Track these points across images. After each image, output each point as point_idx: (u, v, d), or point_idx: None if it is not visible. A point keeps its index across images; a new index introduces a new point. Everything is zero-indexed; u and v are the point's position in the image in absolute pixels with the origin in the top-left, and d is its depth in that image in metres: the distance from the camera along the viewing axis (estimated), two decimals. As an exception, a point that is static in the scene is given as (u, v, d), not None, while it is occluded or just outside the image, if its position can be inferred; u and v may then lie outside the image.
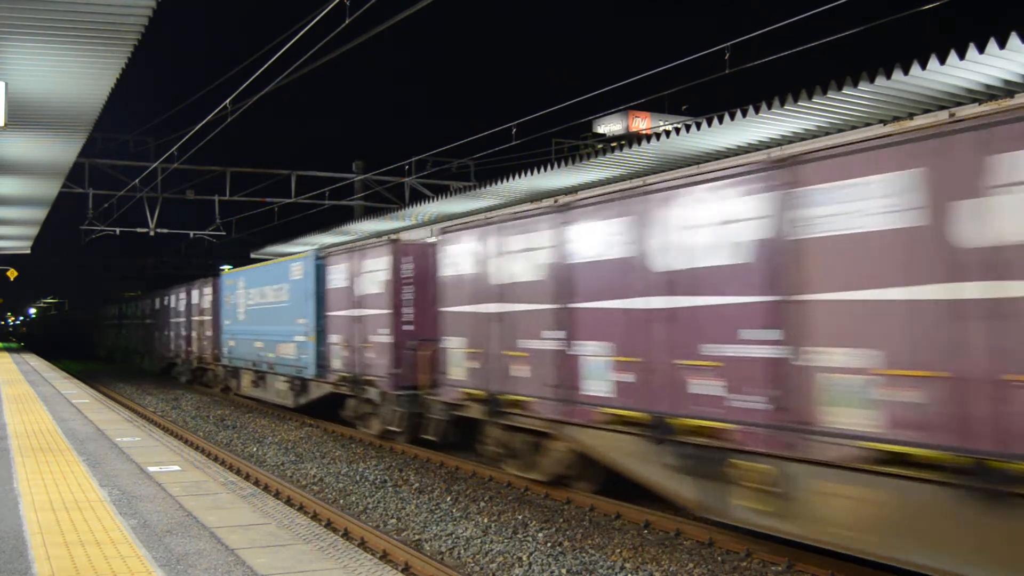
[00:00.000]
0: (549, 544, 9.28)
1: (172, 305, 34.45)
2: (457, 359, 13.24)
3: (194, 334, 30.78)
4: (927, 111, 10.67)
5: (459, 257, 13.32)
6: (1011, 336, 6.11)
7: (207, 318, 28.71)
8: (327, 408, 19.38)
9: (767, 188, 8.01)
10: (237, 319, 25.08)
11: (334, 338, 18.30)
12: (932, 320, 6.55)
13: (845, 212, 7.27)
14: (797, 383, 7.51)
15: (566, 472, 11.39)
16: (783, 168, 7.84)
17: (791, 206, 7.72)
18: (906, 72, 9.33)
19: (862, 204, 7.13)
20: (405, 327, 15.80)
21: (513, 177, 16.57)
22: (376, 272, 16.59)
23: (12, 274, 39.22)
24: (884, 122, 11.19)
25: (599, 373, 10.10)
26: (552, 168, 15.46)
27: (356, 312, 17.38)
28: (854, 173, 7.22)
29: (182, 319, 32.62)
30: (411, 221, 22.62)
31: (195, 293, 30.68)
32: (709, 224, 8.65)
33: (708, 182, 8.78)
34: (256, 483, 12.80)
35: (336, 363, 18.09)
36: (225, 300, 26.47)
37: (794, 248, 7.67)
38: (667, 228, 9.19)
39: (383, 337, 16.09)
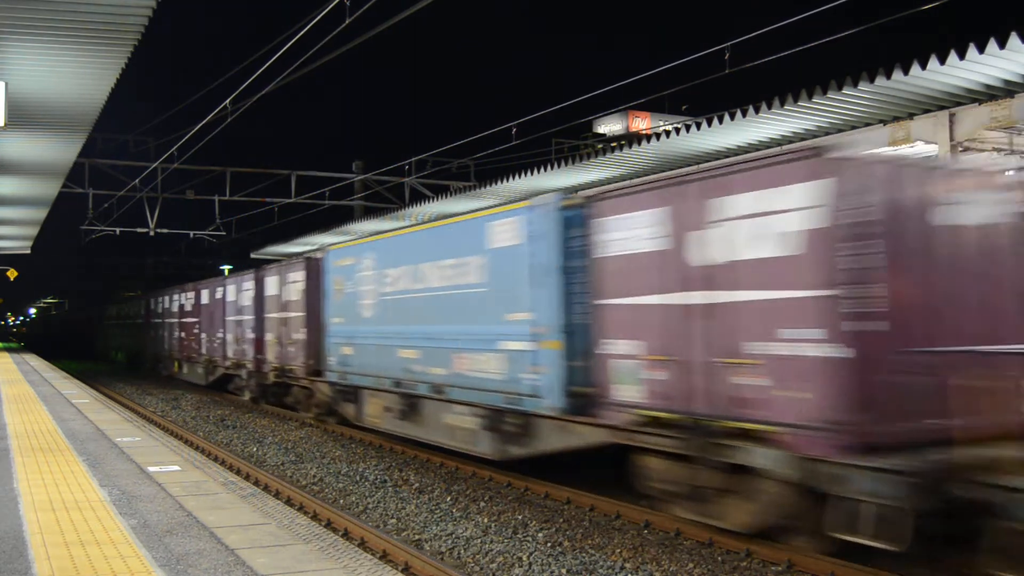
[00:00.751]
0: (549, 544, 9.28)
1: (230, 299, 26.21)
2: None
3: (269, 336, 22.41)
4: (927, 111, 10.68)
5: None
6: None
7: (295, 314, 20.55)
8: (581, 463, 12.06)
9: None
10: (359, 314, 16.62)
11: (620, 346, 10.01)
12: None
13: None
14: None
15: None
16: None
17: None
18: (906, 72, 9.34)
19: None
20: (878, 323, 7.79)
21: (513, 177, 16.57)
22: (766, 217, 8.31)
23: (12, 274, 39.22)
24: (884, 122, 11.19)
25: None
26: (552, 168, 15.46)
27: (692, 298, 9.07)
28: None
29: (247, 317, 24.40)
30: (411, 221, 22.62)
31: (271, 281, 22.45)
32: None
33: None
34: (256, 483, 12.80)
35: (628, 390, 9.84)
36: (333, 288, 17.88)
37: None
38: None
39: (806, 347, 7.82)
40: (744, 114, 11.35)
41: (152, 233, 28.68)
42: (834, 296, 7.52)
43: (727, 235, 8.51)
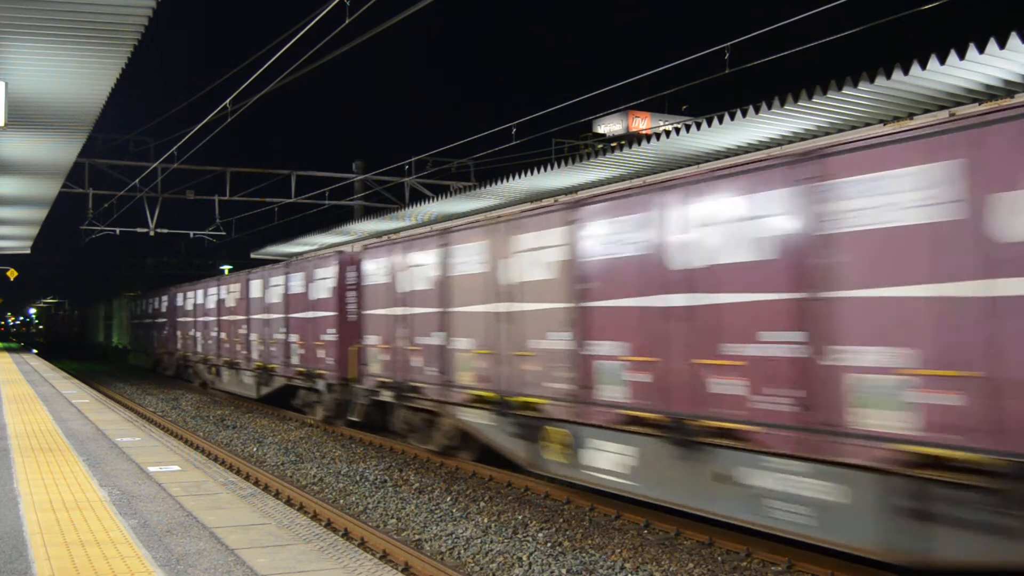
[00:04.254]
0: (549, 544, 9.28)
1: (295, 290, 21.30)
2: None
3: (371, 339, 16.51)
4: (927, 111, 10.68)
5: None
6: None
7: (423, 310, 14.49)
8: None
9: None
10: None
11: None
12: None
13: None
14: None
15: None
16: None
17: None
18: (906, 72, 9.33)
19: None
20: None
21: (513, 177, 16.58)
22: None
23: (12, 274, 39.23)
24: (884, 122, 11.19)
25: None
26: (552, 168, 15.47)
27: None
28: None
29: (324, 313, 19.45)
30: (411, 221, 22.61)
31: (375, 266, 16.66)
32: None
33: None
34: (256, 483, 12.80)
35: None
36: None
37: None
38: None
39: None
40: (744, 114, 11.35)
41: (152, 233, 28.67)
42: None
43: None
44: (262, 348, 23.62)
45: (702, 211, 8.93)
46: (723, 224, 8.68)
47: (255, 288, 24.52)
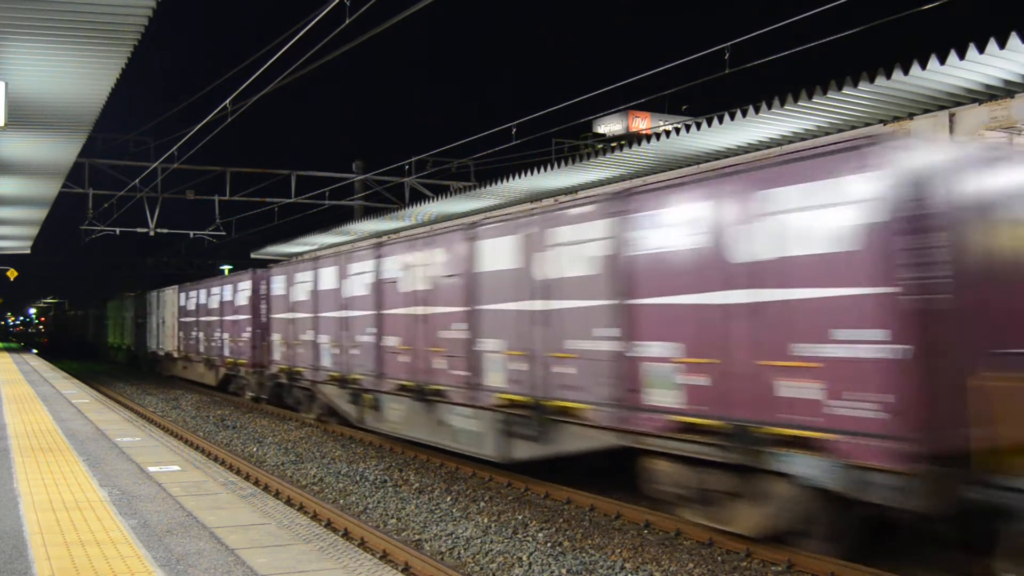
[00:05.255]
0: (549, 544, 9.28)
1: (388, 275, 15.08)
2: None
3: (487, 346, 12.25)
4: (927, 111, 10.68)
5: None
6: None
7: (585, 303, 10.52)
8: None
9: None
10: None
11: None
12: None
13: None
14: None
15: None
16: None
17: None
18: (906, 72, 9.34)
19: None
20: None
21: (513, 177, 16.57)
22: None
23: (12, 274, 39.23)
24: (884, 122, 11.19)
25: None
26: (552, 168, 15.46)
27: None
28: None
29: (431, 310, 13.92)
30: (411, 220, 22.61)
31: (504, 243, 12.04)
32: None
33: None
34: (256, 483, 12.80)
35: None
36: None
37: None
38: None
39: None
40: (744, 114, 11.35)
41: (152, 233, 28.67)
42: None
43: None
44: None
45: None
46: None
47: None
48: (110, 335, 53.24)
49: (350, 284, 16.45)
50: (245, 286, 24.58)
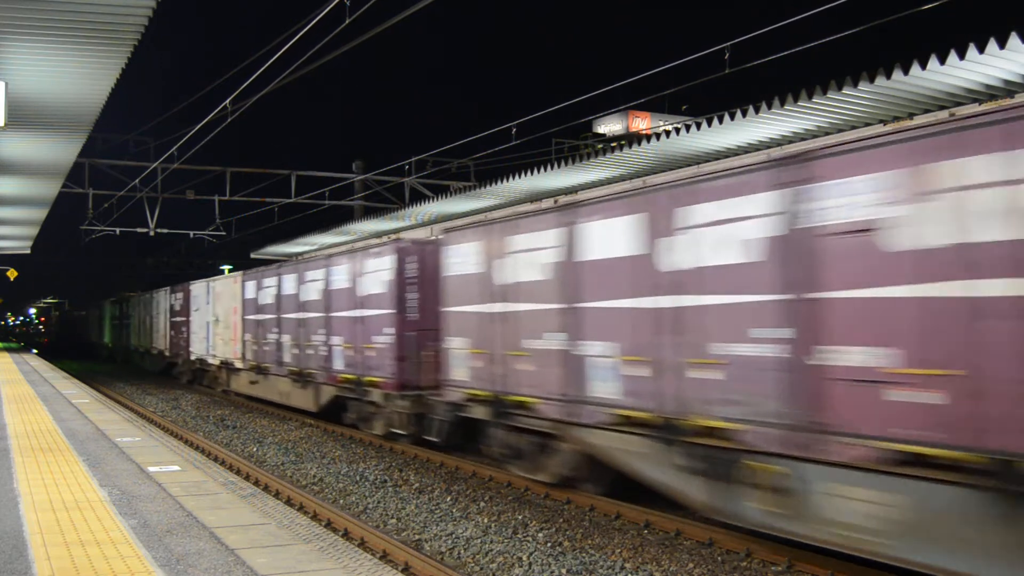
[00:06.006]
0: (549, 544, 9.28)
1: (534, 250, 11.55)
2: None
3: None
4: (927, 111, 10.68)
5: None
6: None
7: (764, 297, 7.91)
8: None
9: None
10: None
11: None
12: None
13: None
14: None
15: None
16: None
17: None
18: (906, 72, 9.33)
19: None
20: None
21: (513, 177, 16.57)
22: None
23: (12, 274, 39.22)
24: (884, 122, 11.19)
25: None
26: (552, 168, 15.46)
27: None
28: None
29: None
30: (411, 221, 22.61)
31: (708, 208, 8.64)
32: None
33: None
34: (256, 483, 12.80)
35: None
36: None
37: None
38: None
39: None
40: (744, 114, 11.35)
41: (152, 233, 28.66)
42: None
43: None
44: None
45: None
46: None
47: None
48: (133, 337, 44.81)
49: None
50: (380, 265, 16.35)
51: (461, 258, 13.24)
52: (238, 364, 25.25)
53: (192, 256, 55.01)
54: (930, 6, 10.36)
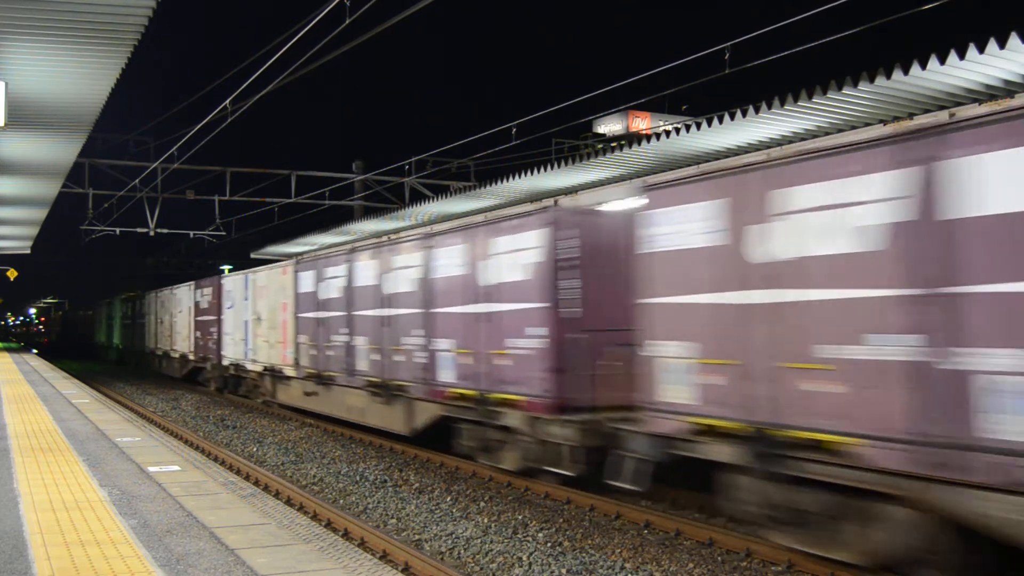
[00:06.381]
0: (549, 544, 9.28)
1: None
2: None
3: None
4: (927, 111, 10.67)
5: None
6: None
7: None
8: None
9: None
10: None
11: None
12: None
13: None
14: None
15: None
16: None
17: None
18: (906, 72, 9.33)
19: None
20: None
21: (513, 177, 16.57)
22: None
23: (12, 274, 39.22)
24: (884, 122, 11.19)
25: None
26: (552, 168, 15.46)
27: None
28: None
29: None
30: (411, 220, 22.61)
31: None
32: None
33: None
34: (256, 483, 12.80)
35: None
36: None
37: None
38: None
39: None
40: (744, 114, 11.33)
41: (152, 233, 28.67)
42: None
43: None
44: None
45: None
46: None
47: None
48: (149, 338, 39.68)
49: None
50: (520, 243, 12.40)
51: (680, 226, 9.39)
52: (289, 371, 20.54)
53: (192, 256, 55.02)
54: (930, 6, 10.36)
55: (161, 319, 37.40)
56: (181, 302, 33.27)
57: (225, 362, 26.49)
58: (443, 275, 14.09)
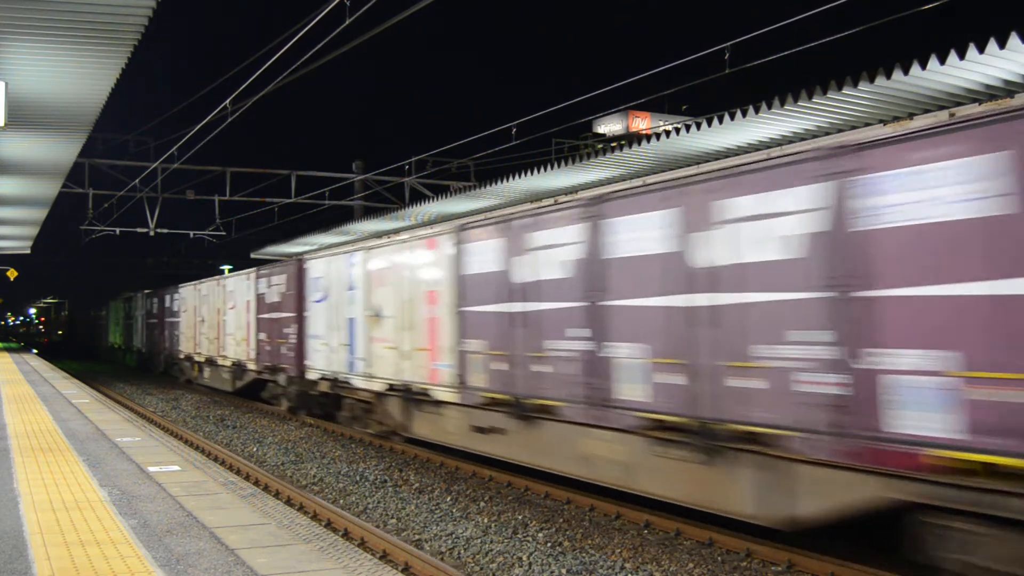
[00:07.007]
0: (549, 544, 9.28)
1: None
2: None
3: None
4: (927, 111, 10.67)
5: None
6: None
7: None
8: None
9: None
10: None
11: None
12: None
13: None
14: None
15: None
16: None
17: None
18: (906, 72, 9.32)
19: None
20: None
21: (513, 177, 16.57)
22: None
23: (12, 274, 39.22)
24: (884, 122, 11.20)
25: None
26: (552, 168, 15.46)
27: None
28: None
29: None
30: (411, 220, 22.61)
31: None
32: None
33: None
34: (256, 483, 12.80)
35: None
36: None
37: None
38: None
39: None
40: (744, 114, 11.33)
41: (152, 233, 28.67)
42: None
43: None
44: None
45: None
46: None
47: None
48: (183, 341, 33.00)
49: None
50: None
51: None
52: (442, 394, 13.49)
53: (192, 256, 55.05)
54: (930, 6, 10.36)
55: (202, 317, 30.44)
56: (234, 295, 26.53)
57: (311, 375, 19.21)
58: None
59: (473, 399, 12.56)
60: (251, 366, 24.06)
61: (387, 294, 15.71)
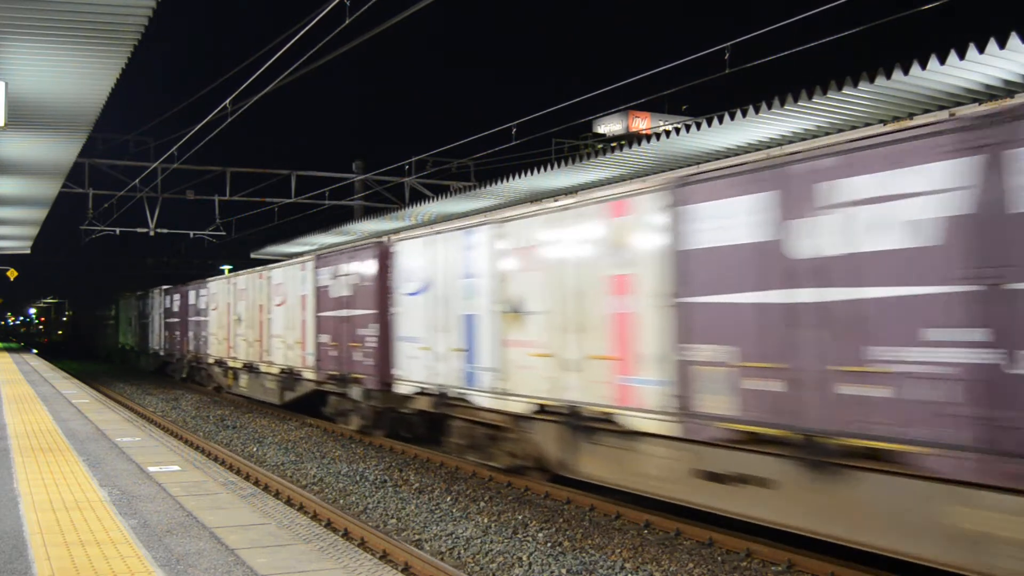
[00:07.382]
0: (549, 544, 9.28)
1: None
2: None
3: None
4: (927, 111, 10.68)
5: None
6: None
7: None
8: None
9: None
10: None
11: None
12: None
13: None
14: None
15: None
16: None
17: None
18: (906, 72, 9.33)
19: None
20: None
21: (513, 177, 16.56)
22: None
23: (12, 274, 39.23)
24: (884, 122, 11.20)
25: None
26: (552, 168, 15.45)
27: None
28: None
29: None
30: (411, 220, 22.61)
31: None
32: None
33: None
34: (256, 483, 12.80)
35: None
36: None
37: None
38: None
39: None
40: (744, 114, 11.34)
41: (152, 233, 28.68)
42: None
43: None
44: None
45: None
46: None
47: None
48: (214, 344, 28.22)
49: None
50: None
51: None
52: (642, 423, 9.58)
53: (192, 256, 55.05)
54: (930, 6, 10.36)
55: (237, 316, 25.69)
56: (283, 289, 21.77)
57: (402, 388, 15.08)
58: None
59: (706, 432, 8.65)
60: (308, 375, 19.56)
61: (535, 282, 11.63)
